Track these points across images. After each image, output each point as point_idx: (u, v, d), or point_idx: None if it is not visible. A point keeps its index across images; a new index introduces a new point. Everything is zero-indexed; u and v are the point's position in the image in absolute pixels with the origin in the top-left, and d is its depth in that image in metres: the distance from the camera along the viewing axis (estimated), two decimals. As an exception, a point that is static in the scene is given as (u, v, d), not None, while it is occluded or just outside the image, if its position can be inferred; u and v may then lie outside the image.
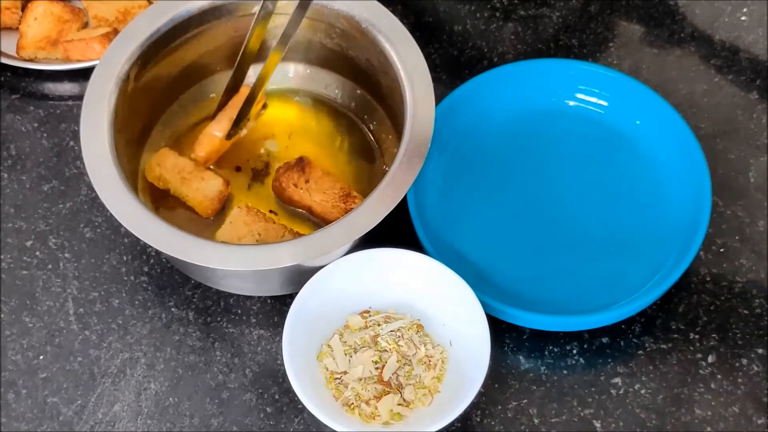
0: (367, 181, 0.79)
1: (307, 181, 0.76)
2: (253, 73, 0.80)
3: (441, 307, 0.69)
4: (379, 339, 0.69)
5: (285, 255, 0.66)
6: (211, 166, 0.79)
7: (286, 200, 0.77)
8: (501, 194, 0.79)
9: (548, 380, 0.72)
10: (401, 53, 0.74)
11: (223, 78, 0.82)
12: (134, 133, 0.77)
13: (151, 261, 0.77)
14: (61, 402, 0.71)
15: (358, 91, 0.82)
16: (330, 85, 0.84)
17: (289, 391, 0.69)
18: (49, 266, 0.77)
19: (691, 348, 0.73)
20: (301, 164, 0.77)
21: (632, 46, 0.89)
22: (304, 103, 0.83)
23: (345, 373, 0.68)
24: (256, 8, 0.76)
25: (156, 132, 0.81)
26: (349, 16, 0.76)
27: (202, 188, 0.76)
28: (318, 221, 0.76)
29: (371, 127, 0.82)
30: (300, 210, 0.77)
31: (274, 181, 0.77)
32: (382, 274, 0.70)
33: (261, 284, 0.73)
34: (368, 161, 0.81)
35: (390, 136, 0.80)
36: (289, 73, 0.84)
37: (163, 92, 0.80)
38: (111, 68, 0.74)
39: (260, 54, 0.79)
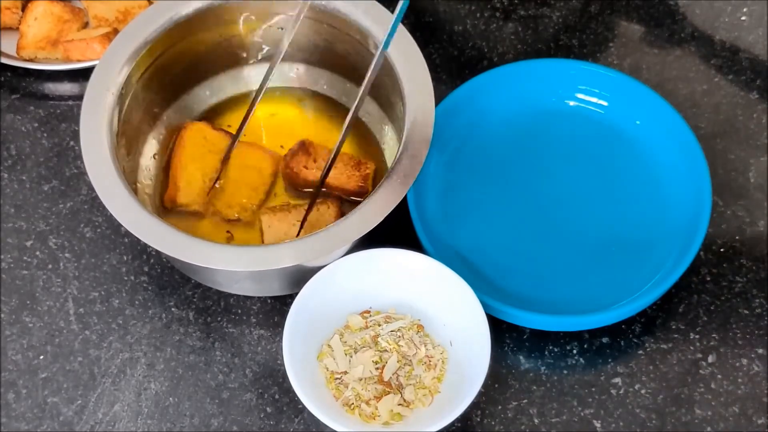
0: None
1: (315, 161, 0.77)
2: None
3: (441, 307, 0.69)
4: (379, 339, 0.69)
5: (285, 255, 0.66)
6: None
7: (300, 184, 0.78)
8: (501, 194, 0.79)
9: (548, 380, 0.71)
10: (401, 53, 0.74)
11: (222, 78, 0.82)
12: (134, 133, 0.77)
13: (151, 261, 0.77)
14: (61, 402, 0.71)
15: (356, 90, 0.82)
16: (329, 84, 0.84)
17: (289, 391, 0.69)
18: (49, 266, 0.77)
19: (691, 348, 0.73)
20: (305, 146, 0.78)
21: (632, 46, 0.89)
22: (304, 103, 0.83)
23: (345, 373, 0.68)
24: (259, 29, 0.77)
25: (156, 132, 0.81)
26: (349, 16, 0.76)
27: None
28: (340, 195, 0.77)
29: (370, 125, 0.82)
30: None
31: (285, 168, 0.78)
32: (382, 274, 0.70)
33: (261, 284, 0.73)
34: (368, 151, 0.81)
35: (390, 136, 0.80)
36: (289, 73, 0.84)
37: (163, 92, 0.80)
38: (111, 68, 0.74)
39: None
